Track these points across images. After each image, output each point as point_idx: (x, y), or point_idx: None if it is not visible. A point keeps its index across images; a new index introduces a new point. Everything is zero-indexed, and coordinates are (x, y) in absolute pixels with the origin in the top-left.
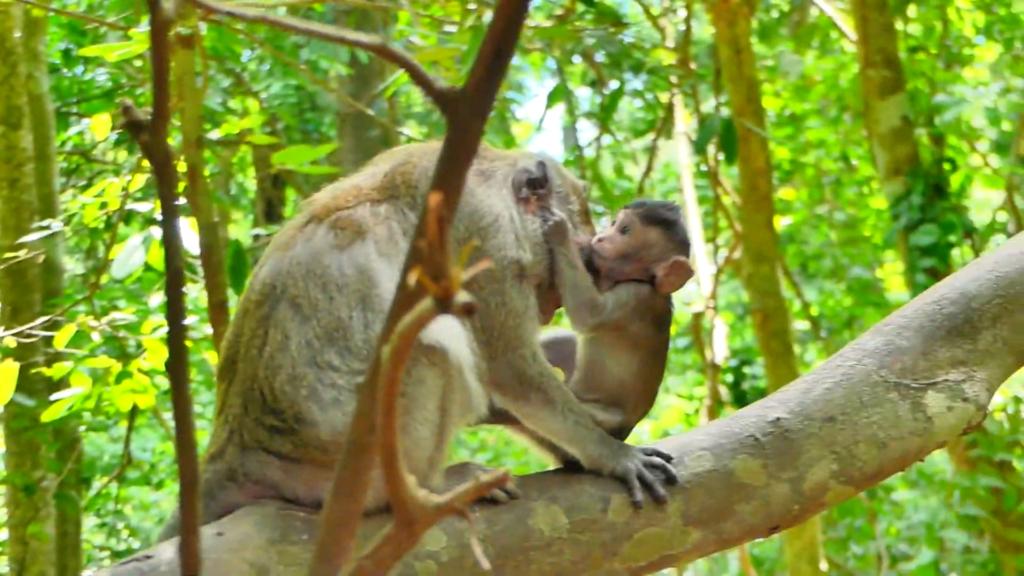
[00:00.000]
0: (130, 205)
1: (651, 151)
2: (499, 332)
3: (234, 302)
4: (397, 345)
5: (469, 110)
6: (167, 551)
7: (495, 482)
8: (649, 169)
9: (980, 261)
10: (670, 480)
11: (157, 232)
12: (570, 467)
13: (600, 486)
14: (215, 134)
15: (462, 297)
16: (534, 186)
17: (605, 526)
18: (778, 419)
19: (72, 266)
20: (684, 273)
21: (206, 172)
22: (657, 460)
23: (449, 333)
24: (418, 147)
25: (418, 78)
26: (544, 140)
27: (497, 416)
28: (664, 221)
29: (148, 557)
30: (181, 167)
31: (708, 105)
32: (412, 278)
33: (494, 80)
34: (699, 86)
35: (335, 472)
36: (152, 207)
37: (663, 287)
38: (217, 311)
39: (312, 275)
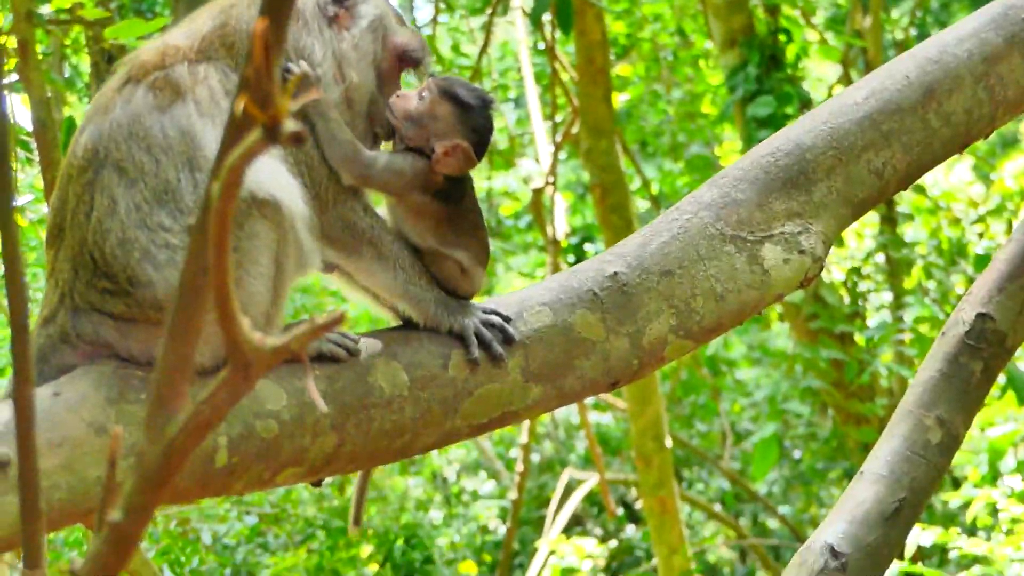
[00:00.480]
0: None
1: (487, 27)
2: (328, 182)
3: None
4: (227, 180)
5: None
6: (3, 411)
7: (331, 323)
8: (485, 46)
9: (815, 112)
10: (507, 340)
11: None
12: (409, 324)
13: (440, 343)
14: (47, 9)
15: (290, 126)
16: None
17: (445, 383)
18: (616, 273)
19: None
20: (463, 158)
21: (38, 50)
22: (495, 319)
23: (281, 185)
24: (235, 3)
25: None
26: None
27: (331, 269)
28: (459, 100)
29: None
30: (11, 43)
31: None
32: (239, 107)
33: None
34: None
35: (168, 316)
36: None
37: (437, 164)
38: (52, 189)
39: (135, 137)
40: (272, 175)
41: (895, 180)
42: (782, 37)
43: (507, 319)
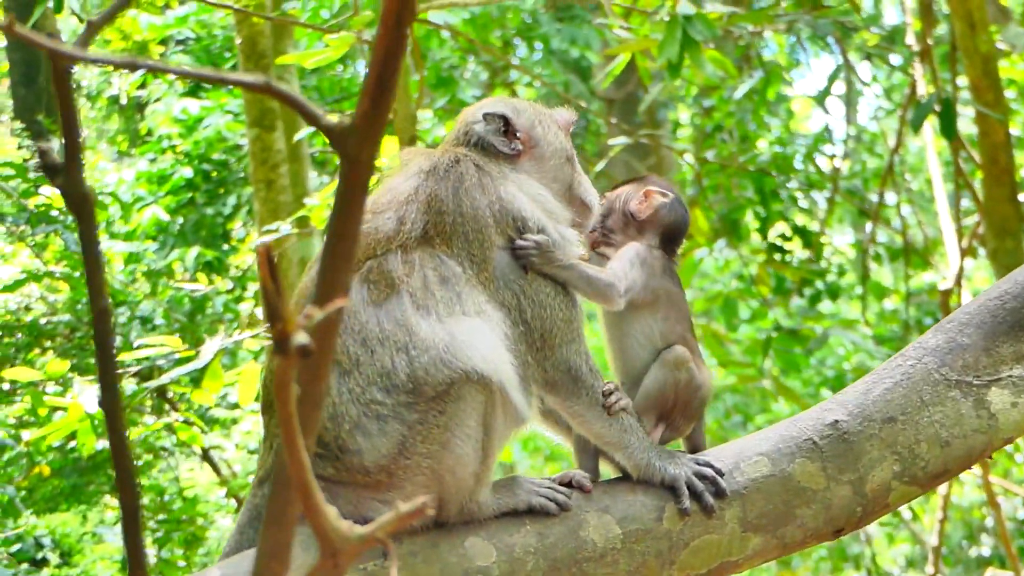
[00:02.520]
0: None
1: (899, 130)
2: (549, 326)
3: None
4: (277, 386)
5: (358, 142)
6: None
7: (415, 513)
8: (897, 147)
9: None
10: (719, 493)
11: None
12: (622, 477)
13: (653, 495)
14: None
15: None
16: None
17: (660, 535)
18: (836, 421)
19: None
20: (655, 194)
21: None
22: (708, 471)
23: (485, 349)
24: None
25: (305, 114)
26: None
27: (548, 421)
28: (628, 180)
29: None
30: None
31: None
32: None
33: (380, 111)
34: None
35: (267, 504)
36: None
37: (641, 214)
38: None
39: (350, 332)
40: (477, 337)
41: None
42: None
43: (720, 472)
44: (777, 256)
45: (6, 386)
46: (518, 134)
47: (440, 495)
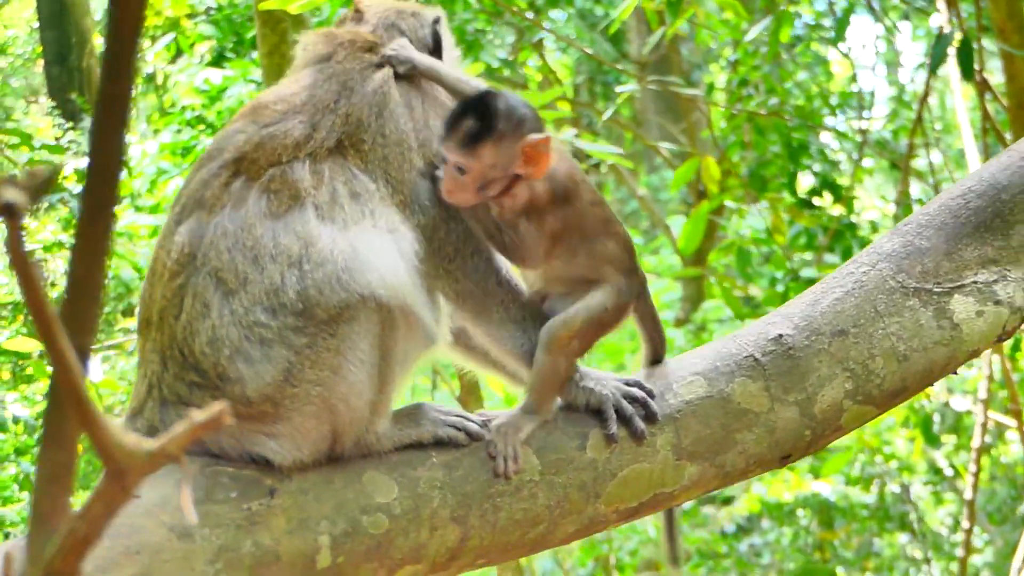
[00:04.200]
0: None
1: (927, 80)
2: (464, 238)
3: None
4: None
5: None
6: None
7: (211, 421)
8: (926, 96)
9: (1013, 147)
10: (650, 416)
11: None
12: None
13: (575, 422)
14: None
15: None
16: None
17: (583, 465)
18: (780, 336)
19: None
20: (543, 147)
21: None
22: (638, 392)
23: (387, 268)
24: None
25: None
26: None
27: (459, 347)
28: (477, 131)
29: None
30: None
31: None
32: None
33: None
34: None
35: (44, 425)
36: None
37: (536, 175)
38: None
39: (241, 248)
40: (382, 264)
41: None
42: None
43: (651, 393)
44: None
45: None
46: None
47: (333, 426)
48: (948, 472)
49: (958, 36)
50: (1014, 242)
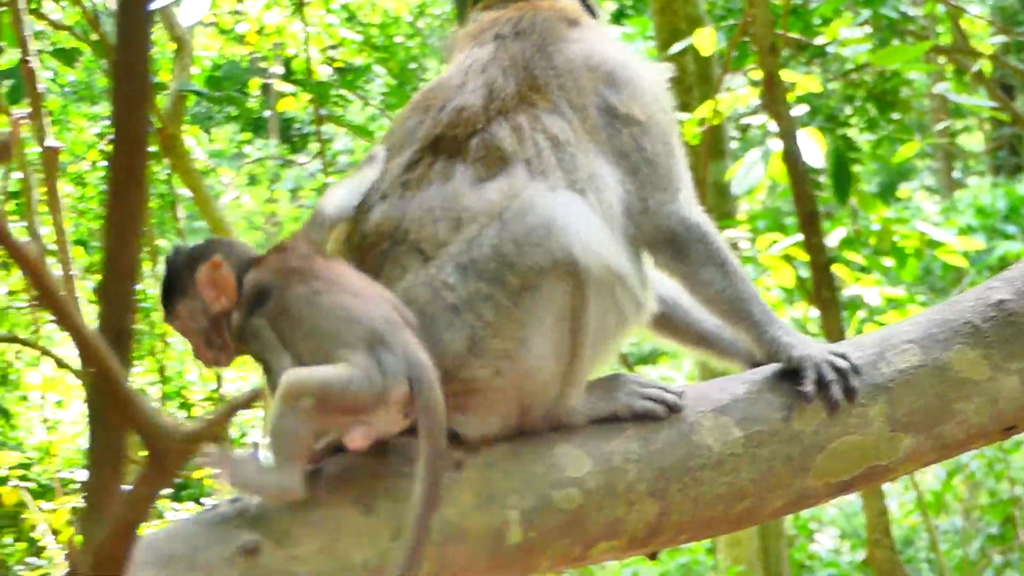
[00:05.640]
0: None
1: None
2: (672, 163)
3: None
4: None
5: None
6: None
7: (247, 401)
8: None
9: None
10: (849, 391)
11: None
12: (744, 374)
13: (780, 391)
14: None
15: None
16: None
17: (789, 437)
18: (1002, 301)
19: None
20: (211, 272)
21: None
22: (842, 362)
23: (589, 231)
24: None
25: None
26: None
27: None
28: (166, 294)
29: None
30: (758, 73)
31: None
32: None
33: None
34: None
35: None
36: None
37: (216, 303)
38: (808, 221)
39: (446, 219)
40: (583, 227)
41: None
42: None
43: (855, 368)
44: None
45: None
46: None
47: (521, 400)
48: None
49: None
50: None
